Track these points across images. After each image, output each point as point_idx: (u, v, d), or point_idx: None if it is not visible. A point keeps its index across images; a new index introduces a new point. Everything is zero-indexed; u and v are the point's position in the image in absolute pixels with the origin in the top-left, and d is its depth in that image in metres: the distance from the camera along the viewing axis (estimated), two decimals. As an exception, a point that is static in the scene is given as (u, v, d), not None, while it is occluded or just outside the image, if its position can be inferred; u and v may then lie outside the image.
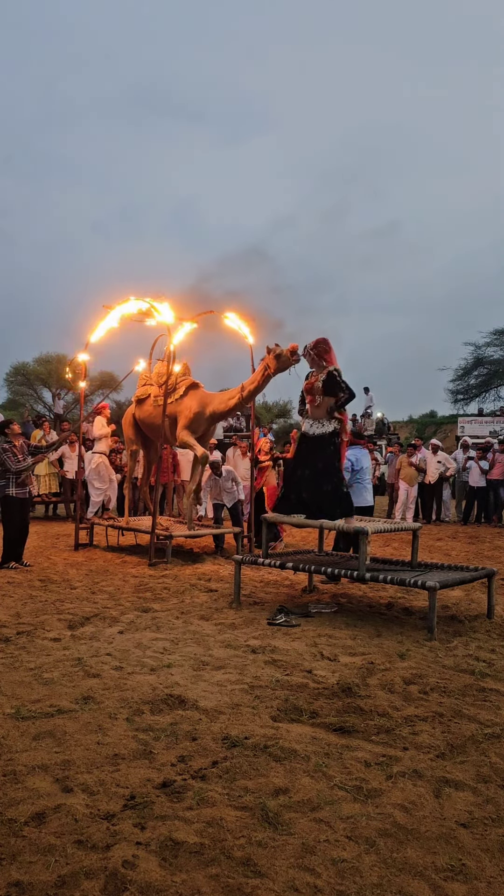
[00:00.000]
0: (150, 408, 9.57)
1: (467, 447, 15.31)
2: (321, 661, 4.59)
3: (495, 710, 3.69)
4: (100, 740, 3.20)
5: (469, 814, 2.63)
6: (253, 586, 7.20)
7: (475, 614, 5.97)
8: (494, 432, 22.83)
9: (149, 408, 9.61)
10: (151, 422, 9.57)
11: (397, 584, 5.56)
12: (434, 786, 2.83)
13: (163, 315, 9.00)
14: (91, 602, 6.30)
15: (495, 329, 32.10)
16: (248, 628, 5.44)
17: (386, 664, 4.47)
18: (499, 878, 2.25)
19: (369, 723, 3.47)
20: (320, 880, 2.20)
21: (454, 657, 4.71)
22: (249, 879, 2.19)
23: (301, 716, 3.58)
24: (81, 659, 4.49)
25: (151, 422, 9.57)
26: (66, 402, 29.00)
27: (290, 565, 6.11)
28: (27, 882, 2.16)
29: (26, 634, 5.12)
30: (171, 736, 3.28)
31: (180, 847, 2.35)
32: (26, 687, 3.95)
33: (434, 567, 6.31)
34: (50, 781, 2.81)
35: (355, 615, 6.00)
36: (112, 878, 2.16)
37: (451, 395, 33.25)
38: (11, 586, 6.93)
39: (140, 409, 9.81)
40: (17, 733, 3.27)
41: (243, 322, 9.46)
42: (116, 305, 9.40)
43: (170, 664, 4.42)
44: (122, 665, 4.39)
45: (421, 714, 3.60)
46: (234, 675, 4.25)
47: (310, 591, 6.96)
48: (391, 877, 2.23)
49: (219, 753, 3.09)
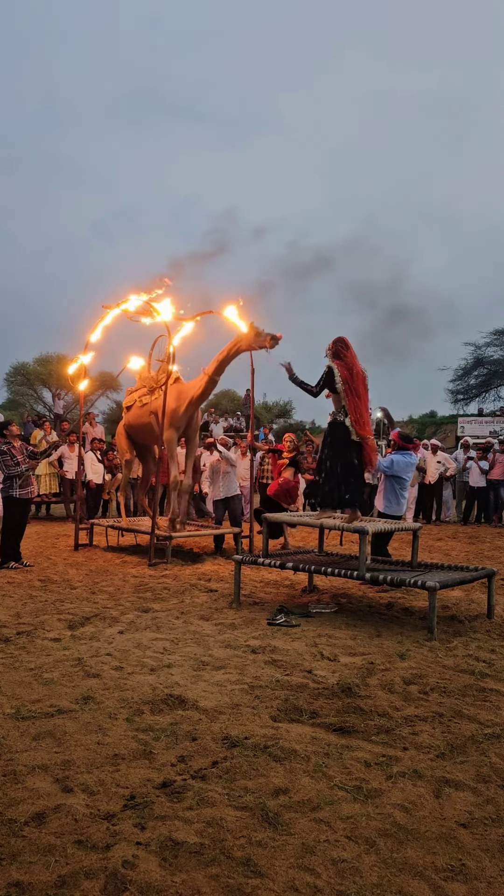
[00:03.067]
0: (137, 410, 9.60)
1: (467, 447, 15.31)
2: (321, 661, 4.59)
3: (495, 710, 3.69)
4: (100, 740, 3.20)
5: (469, 814, 2.63)
6: (253, 586, 7.20)
7: (475, 614, 5.97)
8: (494, 432, 22.85)
9: (135, 411, 9.65)
10: (140, 423, 9.61)
11: (397, 584, 5.56)
12: (434, 786, 2.83)
13: (162, 315, 8.99)
14: (91, 602, 6.30)
15: (495, 329, 32.13)
16: (248, 628, 5.44)
17: (386, 664, 4.47)
18: (499, 878, 2.25)
19: (369, 723, 3.47)
20: (320, 880, 2.20)
21: (454, 657, 4.71)
22: (249, 879, 2.19)
23: (301, 716, 3.58)
24: (81, 659, 4.49)
25: (140, 423, 9.61)
26: (66, 402, 28.97)
27: (290, 565, 6.11)
28: (27, 882, 2.16)
29: (26, 634, 5.12)
30: (171, 736, 3.28)
31: (180, 847, 2.35)
32: (26, 687, 3.95)
33: (434, 567, 6.31)
34: (50, 781, 2.81)
35: (355, 615, 6.00)
36: (112, 878, 2.16)
37: (451, 395, 33.28)
38: (11, 586, 6.93)
39: (128, 416, 9.90)
40: (17, 733, 3.27)
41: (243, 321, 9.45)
42: (116, 306, 9.41)
43: (170, 664, 4.42)
44: (122, 665, 4.39)
45: (421, 714, 3.60)
46: (234, 675, 4.25)
47: (310, 591, 6.96)
48: (391, 877, 2.23)
49: (219, 753, 3.09)
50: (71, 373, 10.43)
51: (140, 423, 9.59)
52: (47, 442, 13.46)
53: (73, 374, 10.37)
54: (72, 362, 10.61)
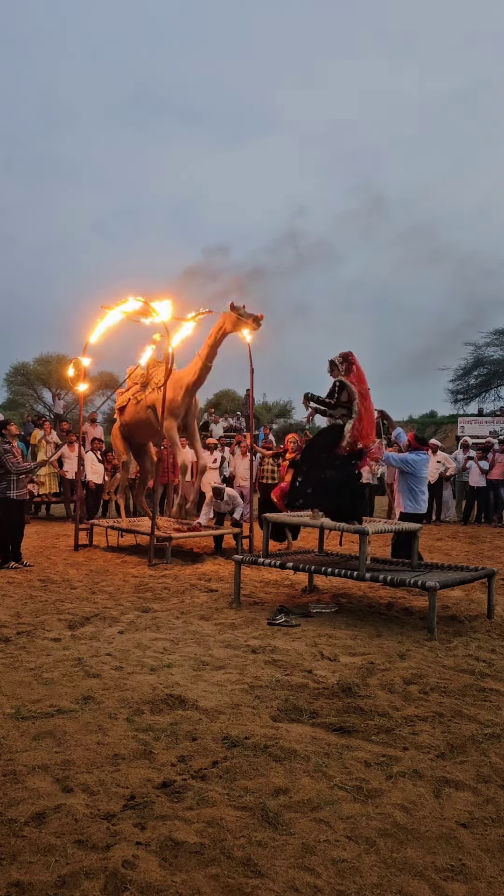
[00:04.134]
0: (132, 408, 9.59)
1: (468, 447, 15.30)
2: (321, 661, 4.59)
3: (495, 710, 3.69)
4: (100, 740, 3.20)
5: (469, 814, 2.63)
6: (253, 586, 7.20)
7: (475, 614, 5.97)
8: (494, 432, 22.81)
9: (130, 409, 9.64)
10: (137, 420, 9.59)
11: (397, 584, 5.56)
12: (434, 786, 2.83)
13: (161, 315, 8.99)
14: (91, 602, 6.30)
15: (495, 329, 32.11)
16: (248, 628, 5.44)
17: (386, 664, 4.47)
18: (499, 878, 2.25)
19: (369, 723, 3.47)
20: (320, 880, 2.20)
21: (454, 657, 4.71)
22: (249, 879, 2.19)
23: (301, 716, 3.58)
24: (81, 659, 4.49)
25: (137, 420, 9.59)
26: (66, 402, 28.95)
27: (290, 565, 6.11)
28: (27, 882, 2.16)
29: (26, 634, 5.12)
30: (171, 736, 3.28)
31: (180, 847, 2.35)
32: (26, 687, 3.95)
33: (434, 567, 6.31)
34: (50, 781, 2.81)
35: (355, 615, 6.00)
36: (112, 878, 2.16)
37: (451, 395, 33.26)
38: (11, 586, 6.93)
39: (122, 416, 9.89)
40: (17, 733, 3.27)
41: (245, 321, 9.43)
42: (115, 306, 9.41)
43: (170, 664, 4.42)
44: (122, 665, 4.39)
45: (421, 714, 3.60)
46: (234, 675, 4.25)
47: (310, 591, 6.96)
48: (391, 877, 2.23)
49: (219, 753, 3.09)
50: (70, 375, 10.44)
51: (137, 420, 9.58)
52: (47, 442, 13.47)
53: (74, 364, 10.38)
54: (71, 364, 10.61)
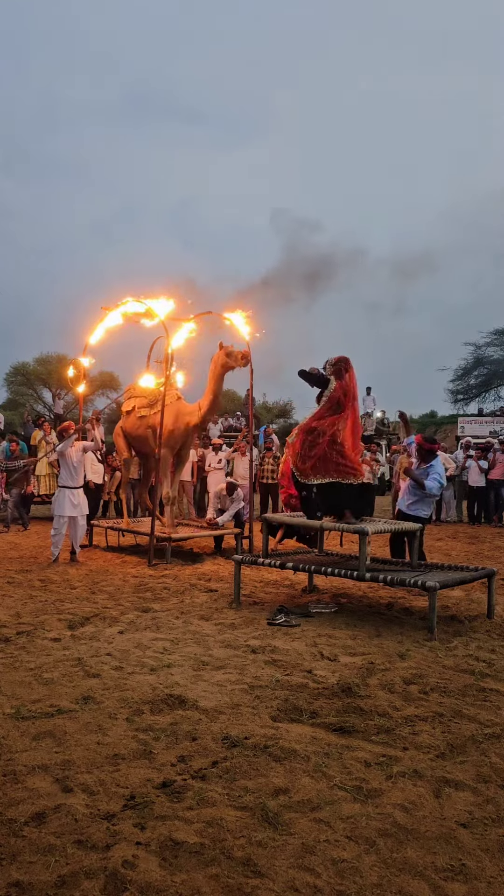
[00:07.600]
0: (135, 419, 9.62)
1: (468, 447, 15.30)
2: (321, 661, 4.59)
3: (495, 710, 3.69)
4: (100, 740, 3.20)
5: (469, 814, 2.63)
6: (253, 586, 7.20)
7: (475, 614, 5.98)
8: (494, 432, 22.80)
9: (133, 420, 9.67)
10: (136, 434, 9.66)
11: (397, 584, 5.56)
12: (434, 786, 2.83)
13: (161, 315, 8.99)
14: (91, 602, 6.30)
15: (495, 329, 32.10)
16: (248, 628, 5.44)
17: (386, 664, 4.47)
18: (499, 878, 2.25)
19: (369, 723, 3.47)
20: (320, 880, 2.20)
21: (454, 657, 4.71)
22: (249, 879, 2.19)
23: (301, 716, 3.58)
24: (81, 659, 4.49)
25: (136, 434, 9.66)
26: (66, 402, 28.92)
27: (290, 565, 6.11)
28: (27, 882, 2.16)
29: (26, 634, 5.12)
30: (171, 736, 3.28)
31: (180, 847, 2.35)
32: (26, 687, 3.95)
33: (434, 567, 6.31)
34: (50, 781, 2.81)
35: (355, 615, 6.00)
36: (112, 878, 2.16)
37: (451, 395, 33.26)
38: (11, 586, 6.92)
39: (126, 420, 9.93)
40: (17, 733, 3.27)
41: (244, 322, 9.45)
42: (114, 307, 9.41)
43: (170, 664, 4.42)
44: (122, 665, 4.39)
45: (421, 714, 3.60)
46: (234, 675, 4.25)
47: (310, 591, 6.96)
48: (391, 877, 2.23)
49: (219, 753, 3.09)
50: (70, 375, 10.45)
51: (136, 434, 9.68)
52: (46, 442, 13.47)
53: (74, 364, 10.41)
54: (71, 364, 10.63)
